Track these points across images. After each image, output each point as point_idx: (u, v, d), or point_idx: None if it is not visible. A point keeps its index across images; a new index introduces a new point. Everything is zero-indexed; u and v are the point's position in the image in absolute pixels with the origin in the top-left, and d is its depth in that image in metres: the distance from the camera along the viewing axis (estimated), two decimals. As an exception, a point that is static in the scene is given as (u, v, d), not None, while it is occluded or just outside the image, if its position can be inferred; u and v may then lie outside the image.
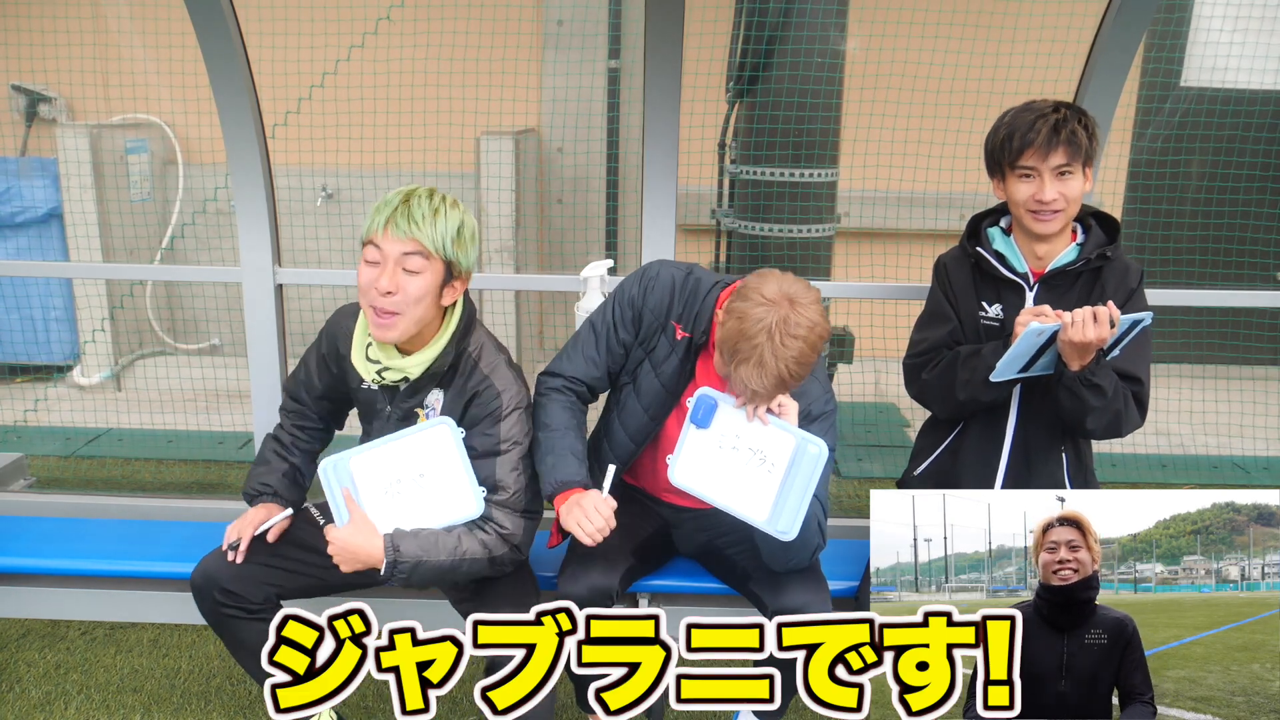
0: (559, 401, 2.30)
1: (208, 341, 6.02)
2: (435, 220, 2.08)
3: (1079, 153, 2.21)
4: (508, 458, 2.18)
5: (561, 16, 6.01)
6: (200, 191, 5.92)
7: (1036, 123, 2.22)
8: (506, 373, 2.23)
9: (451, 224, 2.11)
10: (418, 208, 2.08)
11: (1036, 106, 2.26)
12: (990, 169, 2.36)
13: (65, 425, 5.25)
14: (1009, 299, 2.36)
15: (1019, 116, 2.26)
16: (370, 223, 2.11)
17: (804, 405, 2.19)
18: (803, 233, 4.38)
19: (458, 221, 2.12)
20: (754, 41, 4.28)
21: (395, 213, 2.07)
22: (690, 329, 2.24)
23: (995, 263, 2.35)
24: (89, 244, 5.64)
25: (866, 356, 4.86)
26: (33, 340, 5.86)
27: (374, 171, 5.58)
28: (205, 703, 2.86)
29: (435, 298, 2.12)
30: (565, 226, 6.14)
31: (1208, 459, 5.07)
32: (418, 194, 2.12)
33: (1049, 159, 2.21)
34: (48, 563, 2.80)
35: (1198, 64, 5.79)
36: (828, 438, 2.16)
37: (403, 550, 2.08)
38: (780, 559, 2.19)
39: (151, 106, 5.88)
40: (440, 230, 2.09)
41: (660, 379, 2.28)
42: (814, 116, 4.27)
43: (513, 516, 2.18)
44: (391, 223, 2.07)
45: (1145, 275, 2.37)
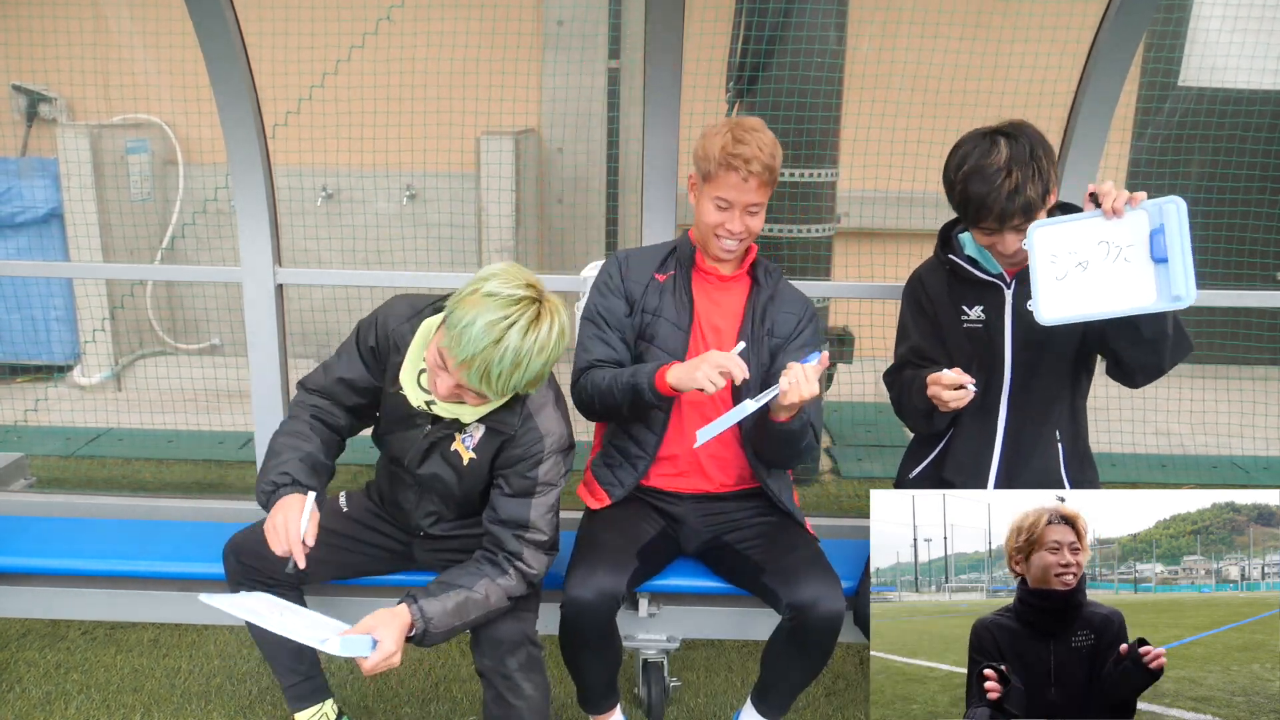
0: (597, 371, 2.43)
1: (208, 341, 6.02)
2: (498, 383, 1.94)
3: (1034, 210, 2.18)
4: (543, 500, 2.18)
5: (561, 16, 6.01)
6: (200, 191, 5.93)
7: (989, 197, 2.16)
8: (553, 414, 2.19)
9: (515, 382, 1.95)
10: (496, 366, 1.91)
11: (988, 172, 2.16)
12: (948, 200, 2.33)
13: (65, 425, 5.25)
14: (990, 299, 2.38)
15: (972, 184, 2.18)
16: (449, 342, 1.94)
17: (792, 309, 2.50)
18: (803, 233, 4.38)
19: (541, 364, 1.96)
20: (754, 41, 4.28)
21: (469, 366, 1.92)
22: (672, 267, 2.49)
23: (969, 267, 2.39)
24: (89, 244, 5.64)
25: (866, 356, 4.86)
26: (33, 340, 5.86)
27: (374, 171, 5.58)
28: (205, 703, 2.86)
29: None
30: (565, 226, 6.15)
31: (1208, 459, 5.07)
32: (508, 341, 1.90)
33: (1005, 224, 2.20)
34: (48, 563, 2.80)
35: (1197, 64, 5.79)
36: (816, 337, 2.51)
37: (433, 625, 2.04)
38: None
39: (151, 106, 5.88)
40: (503, 388, 1.97)
41: (670, 320, 2.45)
42: (814, 116, 4.27)
43: (539, 555, 2.20)
44: (465, 369, 1.93)
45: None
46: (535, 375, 1.97)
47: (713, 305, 2.49)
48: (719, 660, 3.12)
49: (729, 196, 2.35)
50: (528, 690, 2.23)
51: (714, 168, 2.34)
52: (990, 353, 2.38)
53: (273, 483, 2.14)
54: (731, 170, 2.32)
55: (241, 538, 2.36)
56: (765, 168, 2.32)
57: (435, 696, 2.90)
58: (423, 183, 5.87)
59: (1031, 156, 2.17)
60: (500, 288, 1.92)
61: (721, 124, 2.39)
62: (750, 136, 2.32)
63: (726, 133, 2.34)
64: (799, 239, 4.38)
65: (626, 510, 2.51)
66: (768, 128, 2.40)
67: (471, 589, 2.11)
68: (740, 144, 2.31)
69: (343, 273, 3.58)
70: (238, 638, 3.14)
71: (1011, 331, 2.36)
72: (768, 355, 2.47)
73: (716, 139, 2.34)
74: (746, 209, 2.37)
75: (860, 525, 2.39)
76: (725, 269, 2.49)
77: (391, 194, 5.91)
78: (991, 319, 2.38)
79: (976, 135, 2.25)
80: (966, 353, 2.41)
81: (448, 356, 1.95)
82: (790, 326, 2.50)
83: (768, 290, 2.49)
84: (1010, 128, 2.22)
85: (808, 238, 4.39)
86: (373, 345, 2.24)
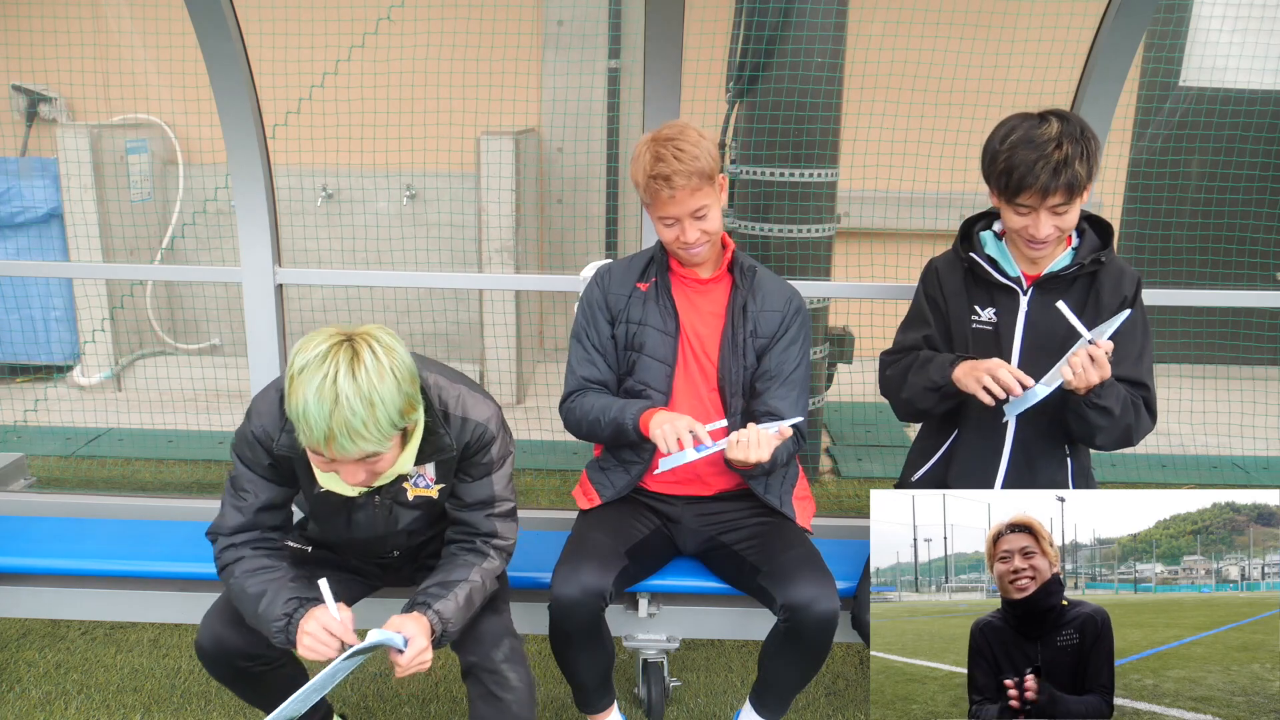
0: (589, 395, 2.48)
1: (208, 341, 6.03)
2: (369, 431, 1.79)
3: (1078, 190, 2.16)
4: (501, 473, 2.18)
5: (561, 16, 6.01)
6: (200, 191, 5.93)
7: (1037, 165, 2.13)
8: (474, 399, 2.11)
9: (383, 419, 1.80)
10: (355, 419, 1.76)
11: (1039, 141, 2.14)
12: (984, 177, 2.31)
13: (65, 425, 5.25)
14: (1003, 303, 2.36)
15: (1020, 152, 2.15)
16: (305, 440, 1.82)
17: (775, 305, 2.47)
18: (803, 233, 4.38)
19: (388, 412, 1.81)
20: (754, 41, 4.28)
21: (328, 437, 1.78)
22: (653, 275, 2.48)
23: (988, 267, 2.36)
24: (89, 244, 5.64)
25: (867, 356, 4.84)
26: (33, 340, 5.86)
27: (374, 171, 5.58)
28: (205, 703, 2.86)
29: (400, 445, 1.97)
30: (565, 226, 6.15)
31: (1208, 459, 5.07)
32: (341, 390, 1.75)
33: (1046, 200, 2.17)
34: (48, 563, 2.80)
35: (1197, 64, 5.79)
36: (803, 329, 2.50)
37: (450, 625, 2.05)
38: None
39: (151, 106, 5.88)
40: (379, 433, 1.81)
41: (656, 328, 2.46)
42: (814, 116, 4.27)
43: (509, 523, 2.21)
44: (332, 445, 1.79)
45: (1143, 281, 2.36)
46: (399, 403, 1.82)
47: (694, 310, 2.49)
48: (719, 660, 3.12)
49: (670, 213, 2.32)
50: (514, 682, 2.20)
51: (644, 193, 2.33)
52: (995, 357, 2.35)
53: (283, 615, 1.98)
54: (658, 191, 2.28)
55: (212, 633, 2.17)
56: (691, 174, 2.26)
57: (435, 696, 2.90)
58: (423, 183, 5.87)
59: (1082, 135, 2.15)
60: (306, 357, 1.78)
61: (641, 144, 2.34)
62: (666, 150, 2.26)
63: (645, 153, 2.30)
64: (799, 239, 4.37)
65: (619, 510, 2.52)
66: (690, 126, 2.34)
67: (469, 579, 2.13)
68: (659, 162, 2.26)
69: (343, 273, 3.58)
70: (238, 638, 3.15)
71: (1022, 338, 2.34)
72: (753, 357, 2.46)
73: (638, 163, 2.32)
74: (693, 215, 2.32)
75: (860, 525, 2.39)
76: (703, 272, 2.48)
77: (391, 194, 5.91)
78: (1003, 322, 2.35)
79: (1022, 114, 2.23)
80: (969, 353, 2.39)
81: (319, 452, 1.83)
82: (775, 324, 2.47)
83: (745, 289, 2.46)
84: (1058, 111, 2.21)
85: (808, 238, 4.39)
86: (269, 462, 2.07)
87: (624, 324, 2.48)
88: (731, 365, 2.44)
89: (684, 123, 2.38)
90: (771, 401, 2.43)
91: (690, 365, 2.47)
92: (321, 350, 1.78)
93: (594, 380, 2.51)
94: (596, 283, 2.54)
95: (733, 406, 2.44)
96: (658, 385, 2.45)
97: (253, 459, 2.08)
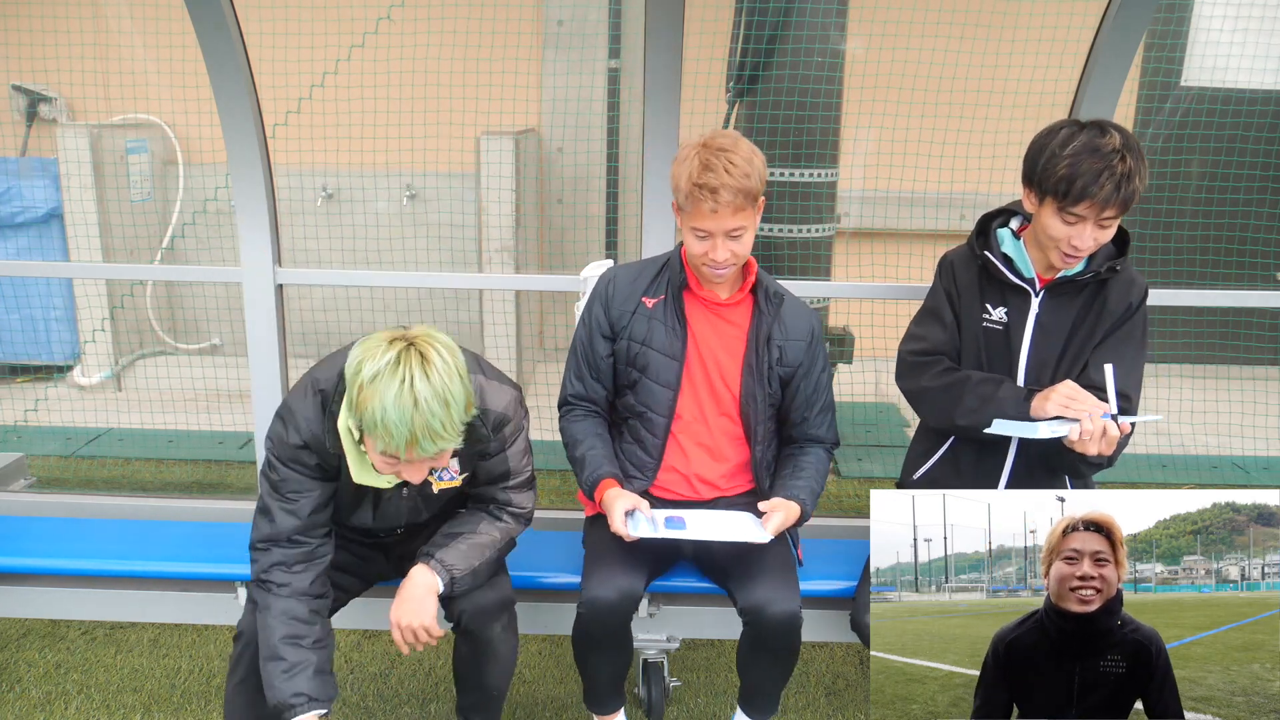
0: (575, 420, 2.48)
1: (208, 341, 6.02)
2: (447, 431, 1.85)
3: (1131, 205, 2.12)
4: (516, 448, 2.22)
5: (561, 16, 6.01)
6: (200, 191, 5.93)
7: (1102, 175, 2.07)
8: (491, 388, 2.13)
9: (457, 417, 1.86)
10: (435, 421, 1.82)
11: (1105, 151, 2.07)
12: (1028, 179, 2.21)
13: (65, 425, 5.25)
14: (1014, 303, 2.34)
15: (1085, 160, 2.08)
16: (382, 446, 1.86)
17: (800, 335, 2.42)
18: (803, 233, 4.38)
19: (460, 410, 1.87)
20: (754, 41, 4.28)
21: (409, 446, 1.84)
22: (663, 291, 2.40)
23: (1003, 267, 2.33)
24: (89, 244, 5.64)
25: (867, 357, 4.86)
26: (33, 340, 5.86)
27: (374, 171, 5.58)
28: (205, 703, 2.86)
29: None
30: (565, 226, 6.14)
31: (1208, 459, 5.07)
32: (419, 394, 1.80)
33: (1103, 212, 2.11)
34: (48, 563, 2.80)
35: (1198, 64, 5.79)
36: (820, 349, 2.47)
37: (455, 569, 2.15)
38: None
39: (151, 106, 5.88)
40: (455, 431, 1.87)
41: (661, 351, 2.39)
42: (814, 116, 4.27)
43: (525, 493, 2.28)
44: (413, 448, 1.85)
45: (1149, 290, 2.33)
46: (465, 400, 1.88)
47: (713, 333, 2.41)
48: (719, 660, 3.12)
49: (705, 226, 2.21)
50: (503, 653, 2.33)
51: (684, 199, 2.22)
52: (1005, 358, 2.35)
53: (290, 704, 2.02)
54: (700, 201, 2.17)
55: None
56: (737, 192, 2.15)
57: (435, 696, 2.90)
58: (423, 183, 5.87)
59: (1139, 151, 2.11)
60: (375, 364, 1.81)
61: (690, 147, 2.22)
62: (718, 160, 2.15)
63: (694, 158, 2.18)
64: (799, 239, 4.38)
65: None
66: (744, 139, 2.23)
67: (476, 532, 2.19)
68: (707, 171, 2.15)
69: (343, 273, 3.57)
70: (238, 638, 3.15)
71: (1031, 340, 2.33)
72: (777, 385, 2.42)
73: (684, 166, 2.20)
74: (728, 235, 2.21)
75: (860, 525, 2.39)
76: (722, 292, 2.39)
77: (391, 194, 5.91)
78: (1013, 323, 2.33)
79: (1073, 121, 2.18)
80: (976, 352, 2.38)
81: (393, 455, 1.86)
82: (800, 354, 2.42)
83: (770, 316, 2.39)
84: (1106, 122, 2.16)
85: (808, 238, 4.39)
86: (315, 462, 2.07)
87: (626, 340, 2.40)
88: (756, 392, 2.39)
89: (738, 134, 2.26)
90: (811, 430, 2.48)
91: (700, 390, 2.42)
92: (391, 357, 1.81)
93: (583, 399, 2.48)
94: (599, 294, 2.44)
95: (758, 434, 2.42)
96: (660, 410, 2.41)
97: (298, 462, 2.07)
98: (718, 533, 2.31)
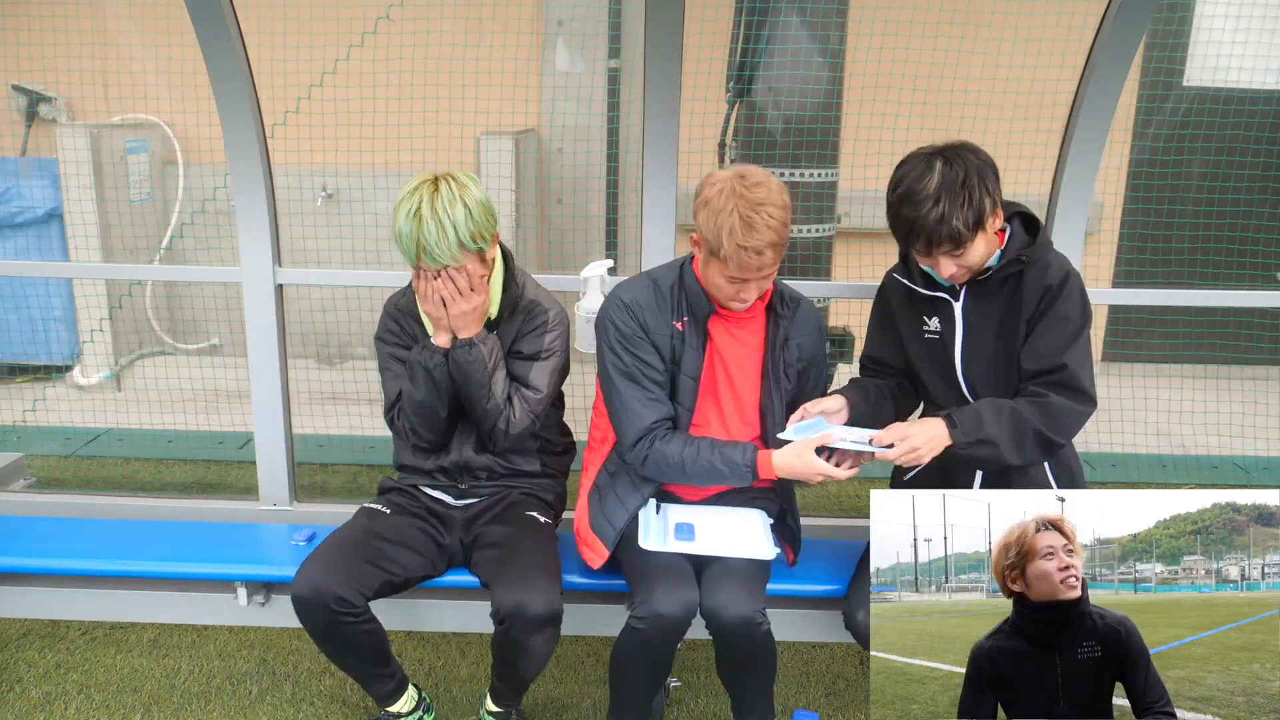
0: (667, 442, 2.39)
1: (208, 341, 6.02)
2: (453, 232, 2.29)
3: (964, 239, 2.17)
4: (545, 364, 2.50)
5: (561, 16, 6.00)
6: (200, 191, 5.92)
7: (915, 224, 2.16)
8: (542, 292, 2.56)
9: (462, 224, 2.30)
10: (431, 236, 2.29)
11: (919, 198, 2.15)
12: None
13: (65, 425, 5.25)
14: (943, 311, 2.41)
15: (903, 209, 2.19)
16: (406, 254, 2.36)
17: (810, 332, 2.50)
18: (803, 233, 4.38)
19: (464, 217, 2.30)
20: (754, 41, 4.28)
21: (419, 249, 2.31)
22: (689, 313, 2.40)
23: (921, 288, 2.40)
24: (89, 244, 5.64)
25: (866, 356, 4.86)
26: (32, 340, 5.86)
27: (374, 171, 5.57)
28: (205, 703, 2.85)
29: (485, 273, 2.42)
30: (565, 226, 6.14)
31: (1208, 459, 5.06)
32: (423, 214, 2.29)
33: (933, 250, 2.21)
34: (48, 563, 2.80)
35: (1200, 63, 5.78)
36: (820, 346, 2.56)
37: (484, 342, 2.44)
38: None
39: (151, 106, 5.87)
40: (462, 235, 2.30)
41: (690, 375, 2.43)
42: (814, 116, 4.27)
43: (525, 412, 2.48)
44: (424, 257, 2.32)
45: (1072, 274, 2.31)
46: (469, 228, 2.30)
47: (732, 342, 2.46)
48: (719, 660, 3.12)
49: (742, 275, 2.22)
50: (538, 655, 2.38)
51: (724, 255, 2.18)
52: (944, 364, 2.42)
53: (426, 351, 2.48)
54: (746, 262, 2.17)
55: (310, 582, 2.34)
56: (780, 245, 2.19)
57: (435, 696, 2.90)
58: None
59: (963, 184, 2.14)
60: (401, 194, 2.34)
61: (723, 194, 2.17)
62: (759, 216, 2.13)
63: (733, 213, 2.13)
64: (799, 239, 4.37)
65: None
66: (771, 177, 2.22)
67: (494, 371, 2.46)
68: (751, 232, 2.13)
69: (343, 273, 3.58)
70: (237, 638, 3.14)
71: (962, 343, 2.38)
72: (795, 380, 2.50)
73: (724, 220, 2.14)
74: (760, 274, 2.24)
75: (859, 525, 2.39)
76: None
77: (391, 194, 5.88)
78: (945, 331, 2.40)
79: (918, 156, 2.23)
80: (926, 363, 2.45)
81: (418, 266, 2.35)
82: (814, 345, 2.53)
83: (788, 321, 2.46)
84: (951, 151, 2.19)
85: (808, 238, 4.39)
86: (401, 327, 2.56)
87: (668, 362, 2.43)
88: (775, 396, 2.47)
89: (764, 174, 2.22)
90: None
91: (723, 398, 2.48)
92: (411, 187, 2.34)
93: (663, 419, 2.41)
94: (630, 314, 2.39)
95: (773, 435, 2.44)
96: (679, 424, 2.46)
97: (390, 335, 2.57)
98: (724, 547, 2.35)
